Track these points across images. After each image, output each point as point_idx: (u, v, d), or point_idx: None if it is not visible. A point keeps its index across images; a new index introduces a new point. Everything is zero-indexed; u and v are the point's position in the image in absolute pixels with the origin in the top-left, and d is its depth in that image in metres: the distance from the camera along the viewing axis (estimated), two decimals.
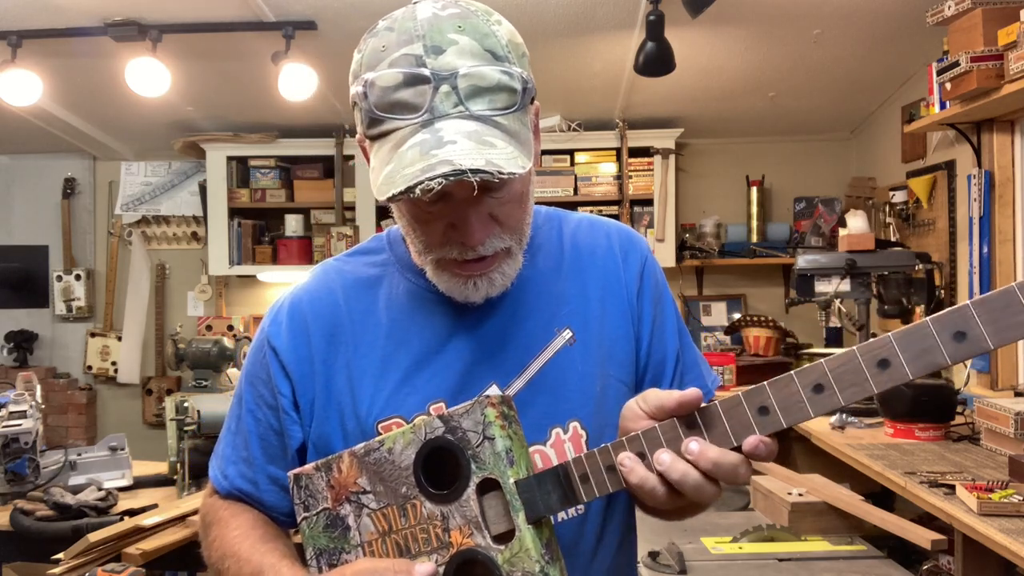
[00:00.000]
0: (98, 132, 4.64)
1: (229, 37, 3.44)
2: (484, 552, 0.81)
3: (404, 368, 0.97)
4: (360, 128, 0.91)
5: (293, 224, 4.70)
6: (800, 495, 2.21)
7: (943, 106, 3.06)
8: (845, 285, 3.20)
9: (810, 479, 2.35)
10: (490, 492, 0.81)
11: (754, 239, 4.70)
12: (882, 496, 2.89)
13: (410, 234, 0.96)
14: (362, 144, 0.93)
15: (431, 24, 0.86)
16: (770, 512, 2.30)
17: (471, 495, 0.81)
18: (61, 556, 1.98)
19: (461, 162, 0.79)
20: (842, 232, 3.36)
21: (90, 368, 5.07)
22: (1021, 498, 1.82)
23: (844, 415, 2.79)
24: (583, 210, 3.35)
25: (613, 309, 1.02)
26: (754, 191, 4.73)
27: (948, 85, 2.87)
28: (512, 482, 0.80)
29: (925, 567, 2.61)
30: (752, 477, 2.36)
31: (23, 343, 5.03)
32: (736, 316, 4.51)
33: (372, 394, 0.97)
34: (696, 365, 1.08)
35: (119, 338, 5.01)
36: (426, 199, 0.82)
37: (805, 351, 4.18)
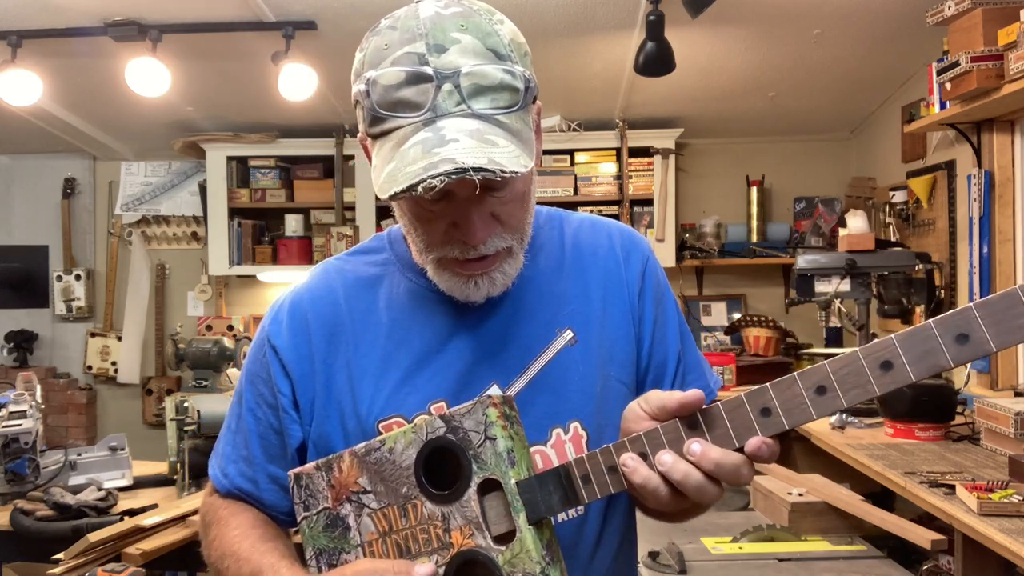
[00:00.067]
0: (98, 132, 4.64)
1: (229, 37, 3.44)
2: (485, 553, 0.80)
3: (405, 367, 0.97)
4: (362, 126, 0.90)
5: (293, 224, 4.70)
6: (800, 495, 2.21)
7: (943, 106, 3.06)
8: (845, 285, 3.20)
9: (810, 479, 2.35)
10: (491, 492, 0.81)
11: (754, 239, 4.70)
12: (882, 496, 2.89)
13: (411, 233, 0.95)
14: (364, 143, 0.93)
15: (434, 23, 0.86)
16: (770, 512, 2.30)
17: (472, 495, 0.81)
18: (61, 556, 1.98)
19: (463, 160, 0.79)
20: (842, 232, 3.36)
21: (90, 368, 5.07)
22: (1021, 498, 1.82)
23: (844, 415, 2.79)
24: (583, 210, 3.35)
25: (614, 310, 1.02)
26: (754, 191, 4.73)
27: (948, 85, 2.87)
28: (513, 483, 0.79)
29: (925, 567, 2.61)
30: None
31: (23, 343, 5.03)
32: (736, 316, 4.51)
33: (372, 393, 0.97)
34: (698, 366, 1.08)
35: (119, 338, 5.01)
36: (428, 197, 0.82)
37: (805, 351, 4.19)
